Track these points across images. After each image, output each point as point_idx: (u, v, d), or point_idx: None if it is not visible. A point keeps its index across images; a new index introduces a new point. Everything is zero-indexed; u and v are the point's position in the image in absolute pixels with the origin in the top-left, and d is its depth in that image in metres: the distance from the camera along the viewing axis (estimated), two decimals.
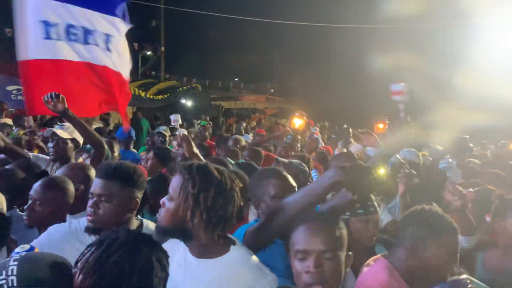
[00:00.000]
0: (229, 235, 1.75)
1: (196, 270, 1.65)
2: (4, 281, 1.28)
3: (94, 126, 6.27)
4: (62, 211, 2.31)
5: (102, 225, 1.89)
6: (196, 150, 2.62)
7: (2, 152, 3.58)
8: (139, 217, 2.17)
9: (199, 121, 12.86)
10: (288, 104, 18.99)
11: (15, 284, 1.27)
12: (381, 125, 7.09)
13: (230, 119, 16.60)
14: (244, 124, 9.82)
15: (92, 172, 2.87)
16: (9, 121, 6.37)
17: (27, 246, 1.51)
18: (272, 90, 23.84)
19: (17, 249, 1.50)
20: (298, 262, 1.45)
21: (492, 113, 6.45)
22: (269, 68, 25.07)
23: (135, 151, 6.48)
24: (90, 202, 1.91)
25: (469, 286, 1.72)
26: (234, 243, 1.70)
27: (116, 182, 1.91)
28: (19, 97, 7.85)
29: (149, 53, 18.35)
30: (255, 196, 2.20)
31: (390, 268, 1.82)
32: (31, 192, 2.30)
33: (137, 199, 1.98)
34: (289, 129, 5.66)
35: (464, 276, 1.77)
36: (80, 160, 3.79)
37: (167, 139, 6.89)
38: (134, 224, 2.02)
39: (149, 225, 2.08)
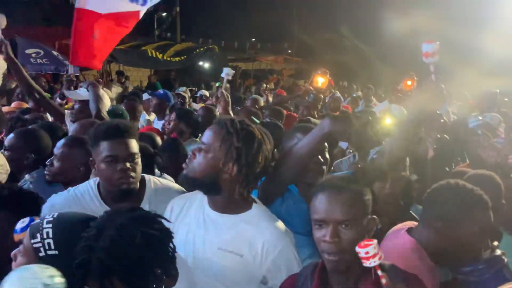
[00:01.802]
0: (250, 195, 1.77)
1: (218, 224, 1.67)
2: (40, 244, 1.26)
3: (113, 89, 6.25)
4: (84, 167, 2.29)
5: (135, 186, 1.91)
6: (230, 110, 2.58)
7: (39, 104, 3.64)
8: None
9: (217, 83, 12.78)
10: (306, 65, 18.58)
11: (52, 247, 1.26)
12: (409, 82, 6.79)
13: (248, 80, 16.41)
14: (264, 85, 9.67)
15: None
16: None
17: (26, 220, 1.44)
18: (289, 51, 23.31)
19: (18, 225, 1.44)
20: (316, 230, 1.42)
21: None
22: (287, 27, 24.36)
23: None
24: (126, 165, 1.85)
25: (506, 261, 1.67)
26: (255, 201, 1.73)
27: (134, 139, 1.92)
28: (38, 60, 7.86)
29: (164, 14, 18.03)
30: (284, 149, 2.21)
31: (418, 250, 1.68)
32: (54, 149, 2.34)
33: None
34: (311, 87, 5.51)
35: (499, 252, 1.70)
36: None
37: (187, 100, 6.85)
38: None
39: (151, 179, 2.08)
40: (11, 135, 2.67)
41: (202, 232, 1.67)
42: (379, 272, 1.28)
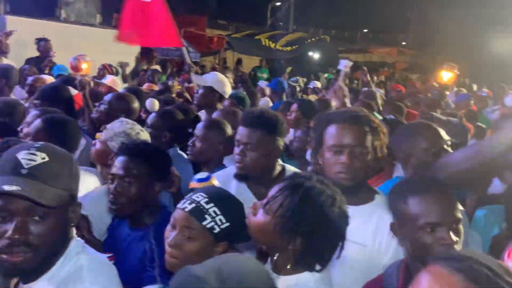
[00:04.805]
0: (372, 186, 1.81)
1: None
2: (212, 223, 1.39)
3: (228, 76, 6.49)
4: (219, 149, 2.48)
5: (249, 172, 1.98)
6: (348, 103, 2.55)
7: None
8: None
9: (325, 75, 12.63)
10: (422, 58, 17.38)
11: (224, 221, 1.40)
12: None
13: (356, 73, 15.91)
14: (375, 78, 9.29)
15: None
16: (159, 68, 7.04)
17: (205, 174, 1.72)
18: (404, 43, 22.04)
19: (198, 176, 1.68)
20: (428, 234, 1.39)
21: None
22: (402, 17, 22.99)
23: None
24: (237, 150, 1.99)
25: None
26: (377, 193, 1.73)
27: (260, 131, 1.95)
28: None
29: (278, 3, 18.27)
30: (402, 152, 2.10)
31: None
32: (195, 130, 2.53)
33: (280, 147, 2.02)
34: (435, 83, 5.13)
35: None
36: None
37: (297, 90, 6.92)
38: (277, 169, 2.07)
39: (291, 169, 2.11)
40: (154, 114, 2.96)
41: None
42: None
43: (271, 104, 5.42)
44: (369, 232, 1.63)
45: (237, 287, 0.86)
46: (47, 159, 1.14)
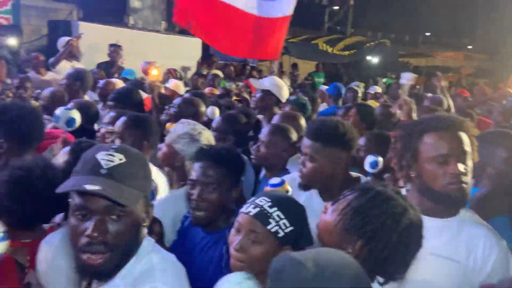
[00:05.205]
0: None
1: (427, 229, 1.56)
2: (277, 227, 1.39)
3: (284, 81, 6.49)
4: (283, 155, 2.49)
5: (308, 182, 1.95)
6: (414, 116, 2.45)
7: None
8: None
9: (384, 79, 12.27)
10: (491, 63, 16.34)
11: (288, 225, 1.40)
12: None
13: (418, 78, 15.29)
14: (442, 84, 8.82)
15: (303, 122, 3.02)
16: (220, 72, 7.20)
17: (278, 179, 1.73)
18: (470, 46, 20.88)
19: (272, 181, 1.67)
20: None
21: None
22: (467, 19, 21.76)
23: None
24: (300, 159, 1.98)
25: None
26: None
27: (319, 143, 1.91)
28: None
29: (335, 8, 18.05)
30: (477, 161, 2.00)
31: None
32: (260, 135, 2.56)
33: (343, 159, 1.94)
34: (510, 89, 4.80)
35: None
36: None
37: (359, 95, 6.75)
38: (351, 179, 2.01)
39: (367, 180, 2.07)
40: (218, 117, 3.03)
41: None
42: None
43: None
44: (462, 248, 1.54)
45: (333, 276, 0.92)
46: (124, 160, 1.16)
